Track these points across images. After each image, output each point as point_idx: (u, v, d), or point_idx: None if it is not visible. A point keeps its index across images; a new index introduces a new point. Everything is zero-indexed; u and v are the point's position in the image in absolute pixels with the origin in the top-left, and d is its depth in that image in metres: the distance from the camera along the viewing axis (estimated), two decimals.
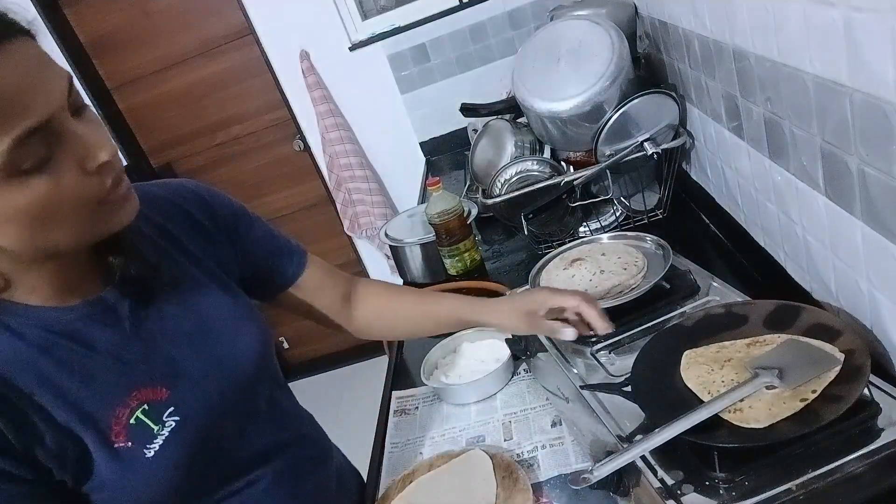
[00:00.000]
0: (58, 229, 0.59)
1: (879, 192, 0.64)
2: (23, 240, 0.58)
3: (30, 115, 0.54)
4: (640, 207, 1.41)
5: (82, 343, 0.66)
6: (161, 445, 0.66)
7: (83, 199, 0.59)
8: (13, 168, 0.53)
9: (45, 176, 0.55)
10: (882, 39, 0.56)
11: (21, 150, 0.53)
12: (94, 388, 0.65)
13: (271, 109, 2.80)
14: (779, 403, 0.64)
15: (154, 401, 0.68)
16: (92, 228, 0.61)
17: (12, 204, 0.55)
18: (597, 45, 1.34)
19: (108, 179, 0.60)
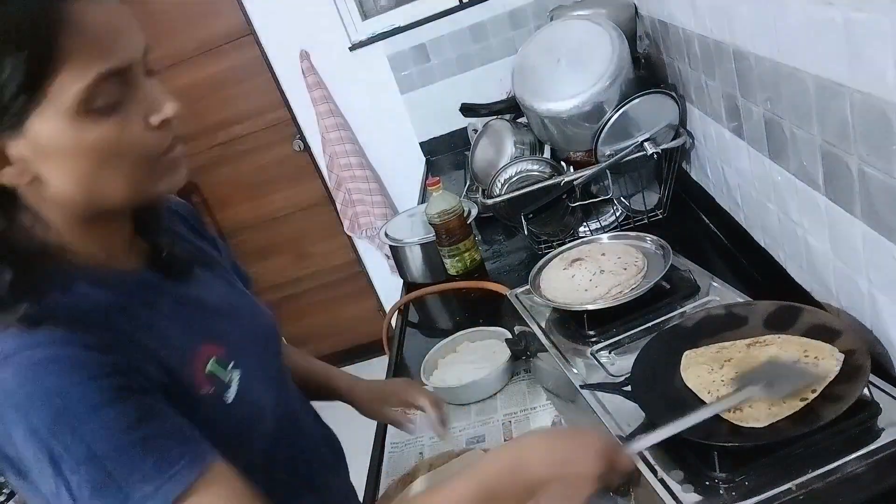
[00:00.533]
0: (114, 177, 0.60)
1: (879, 192, 0.64)
2: (80, 180, 0.59)
3: (114, 58, 0.57)
4: (640, 207, 1.41)
5: (148, 301, 0.68)
6: (236, 393, 0.70)
7: (143, 151, 0.61)
8: (87, 105, 0.56)
9: (113, 120, 0.58)
10: (882, 39, 0.56)
11: (98, 88, 0.56)
12: (169, 343, 0.66)
13: (271, 109, 2.80)
14: (778, 403, 0.65)
15: (217, 356, 0.71)
16: (145, 185, 0.63)
17: (79, 140, 0.57)
18: (597, 45, 1.34)
19: (169, 137, 0.63)
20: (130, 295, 0.67)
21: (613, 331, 0.91)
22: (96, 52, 0.56)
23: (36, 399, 0.54)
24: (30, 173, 0.58)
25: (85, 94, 0.55)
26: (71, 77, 0.55)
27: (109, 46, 0.57)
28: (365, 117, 2.70)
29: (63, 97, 0.55)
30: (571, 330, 0.94)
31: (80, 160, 0.58)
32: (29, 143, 0.57)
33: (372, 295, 3.15)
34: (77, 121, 0.56)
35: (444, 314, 1.46)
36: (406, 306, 1.49)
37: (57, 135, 0.56)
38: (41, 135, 0.56)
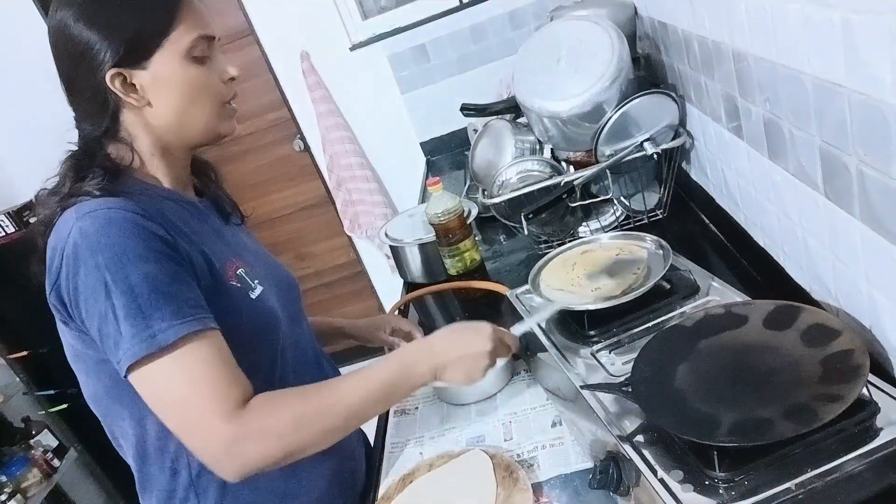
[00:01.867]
0: (199, 110, 0.86)
1: (878, 192, 0.64)
2: (178, 109, 0.85)
3: (207, 28, 0.85)
4: (640, 207, 1.42)
5: (200, 217, 0.92)
6: (258, 296, 0.89)
7: (217, 95, 0.88)
8: (190, 52, 0.83)
9: (203, 68, 0.85)
10: (880, 41, 0.56)
11: (198, 45, 0.84)
12: (211, 245, 0.87)
13: (271, 109, 2.80)
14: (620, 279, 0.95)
15: (246, 270, 0.90)
16: (214, 123, 0.88)
17: (183, 77, 0.83)
18: (597, 45, 1.34)
19: (232, 91, 0.91)
20: (186, 209, 0.89)
21: (613, 331, 0.91)
22: (198, 21, 0.84)
23: (105, 244, 0.74)
24: (145, 100, 0.83)
25: (191, 45, 0.83)
26: (184, 32, 0.82)
27: (205, 20, 0.86)
28: (365, 117, 2.70)
29: (177, 44, 0.82)
30: (571, 330, 0.94)
31: (182, 93, 0.84)
32: (150, 75, 0.82)
33: (372, 295, 3.16)
34: (183, 63, 0.83)
35: (444, 314, 1.46)
36: (406, 306, 1.49)
37: (170, 70, 0.82)
38: (160, 69, 0.82)
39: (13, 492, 2.39)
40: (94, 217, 0.75)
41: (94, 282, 0.73)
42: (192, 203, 0.93)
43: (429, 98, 2.58)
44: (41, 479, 2.49)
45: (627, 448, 0.70)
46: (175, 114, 0.84)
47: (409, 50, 2.53)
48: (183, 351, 0.74)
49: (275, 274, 0.99)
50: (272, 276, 0.97)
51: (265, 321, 0.90)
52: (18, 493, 2.40)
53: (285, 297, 0.97)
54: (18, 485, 2.43)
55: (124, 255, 0.73)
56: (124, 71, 0.80)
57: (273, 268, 1.01)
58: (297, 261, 3.07)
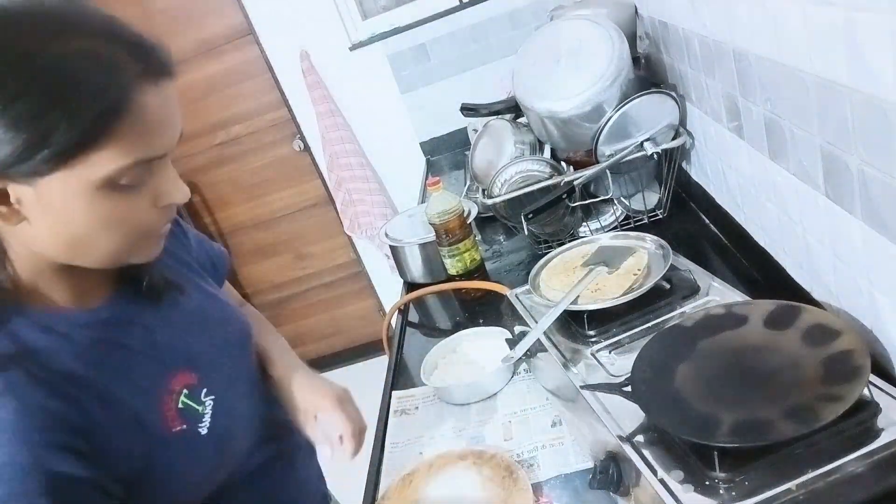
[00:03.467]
0: (102, 244, 0.63)
1: (879, 192, 0.64)
2: (68, 241, 0.61)
3: (154, 148, 0.60)
4: (640, 207, 1.41)
5: (116, 340, 0.70)
6: (210, 423, 0.73)
7: (138, 226, 0.64)
8: (111, 183, 0.59)
9: (129, 197, 0.61)
10: (882, 39, 0.56)
11: (129, 172, 0.59)
12: (139, 382, 0.69)
13: (271, 109, 2.80)
14: (621, 279, 0.94)
15: (190, 384, 0.74)
16: (124, 254, 0.66)
17: (87, 210, 0.59)
18: (597, 45, 1.34)
19: (165, 219, 0.67)
20: (97, 338, 0.68)
21: (613, 331, 0.91)
22: (142, 142, 0.59)
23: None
24: (21, 216, 0.59)
25: (114, 174, 0.58)
26: (109, 157, 0.57)
27: (154, 138, 0.60)
28: (365, 117, 2.70)
29: (92, 171, 0.57)
30: (571, 330, 0.94)
31: (79, 226, 0.60)
32: (36, 194, 0.57)
33: (372, 295, 3.16)
34: (93, 193, 0.58)
35: (444, 314, 1.46)
36: (406, 306, 1.49)
37: (68, 200, 0.58)
38: (52, 194, 0.57)
39: None
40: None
41: None
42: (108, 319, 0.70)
43: (429, 98, 2.58)
44: None
45: (627, 448, 0.70)
46: (62, 245, 0.61)
47: (409, 50, 2.53)
48: None
49: (225, 339, 0.84)
50: (223, 347, 0.82)
51: (223, 445, 0.75)
52: None
53: (239, 369, 0.85)
54: None
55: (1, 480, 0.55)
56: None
57: (222, 328, 0.85)
58: (297, 261, 3.07)
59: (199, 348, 0.78)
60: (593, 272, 0.98)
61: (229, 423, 0.76)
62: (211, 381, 0.76)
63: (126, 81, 0.57)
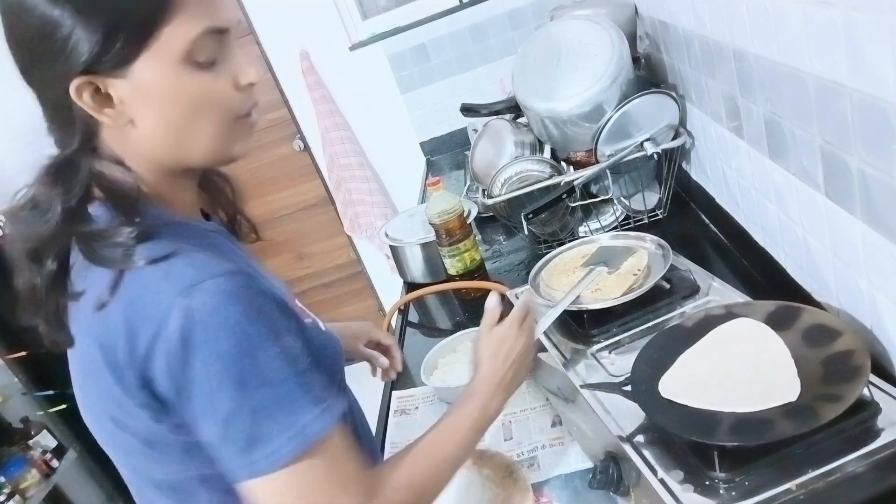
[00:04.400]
0: (201, 129, 0.64)
1: (879, 191, 0.64)
2: (171, 128, 0.63)
3: (218, 18, 0.62)
4: (640, 207, 1.41)
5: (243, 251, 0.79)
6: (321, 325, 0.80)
7: (229, 108, 0.65)
8: (190, 56, 0.60)
9: (209, 74, 0.63)
10: (882, 39, 0.56)
11: (202, 43, 0.61)
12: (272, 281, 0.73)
13: (271, 109, 2.80)
14: (620, 280, 0.94)
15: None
16: (224, 143, 0.67)
17: (178, 88, 0.61)
18: (597, 45, 1.34)
19: (250, 102, 0.68)
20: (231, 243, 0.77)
21: (613, 331, 0.91)
22: (205, 9, 0.61)
23: (227, 328, 0.59)
24: (126, 116, 0.62)
25: (190, 46, 0.60)
26: (181, 27, 0.59)
27: (216, 6, 0.62)
28: (365, 117, 2.70)
29: (171, 45, 0.59)
30: (571, 330, 0.94)
31: (176, 107, 0.62)
32: (131, 85, 0.60)
33: (372, 295, 3.15)
34: (179, 69, 0.60)
35: (444, 314, 1.46)
36: (406, 306, 1.49)
37: (159, 79, 0.60)
38: (145, 78, 0.60)
39: (12, 492, 2.39)
40: (204, 292, 0.59)
41: (217, 375, 0.59)
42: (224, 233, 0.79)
43: (429, 98, 2.58)
44: (40, 479, 2.48)
45: (627, 448, 0.70)
46: (168, 135, 0.64)
47: (409, 50, 2.53)
48: (327, 444, 0.62)
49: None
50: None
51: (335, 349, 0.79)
52: (17, 493, 2.40)
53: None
54: (17, 485, 2.42)
55: (252, 338, 0.60)
56: (96, 80, 0.59)
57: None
58: (296, 261, 3.07)
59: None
60: (593, 272, 0.98)
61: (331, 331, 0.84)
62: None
63: None
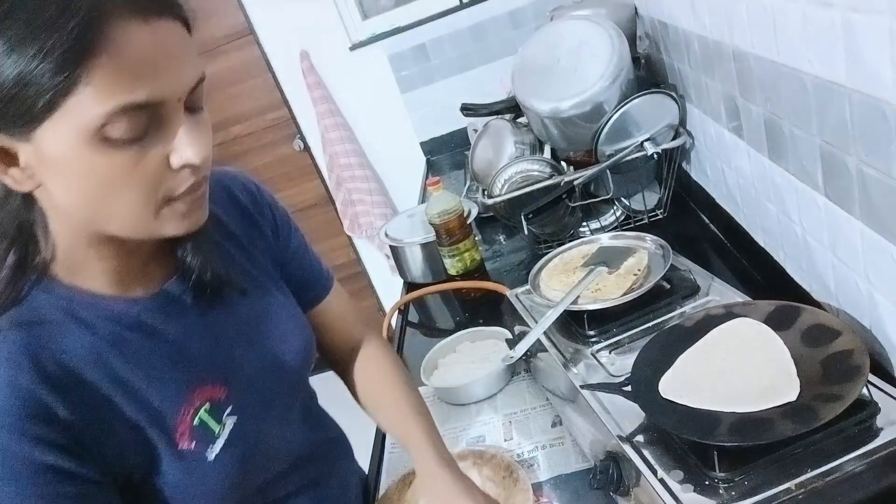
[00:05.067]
0: (118, 207, 0.57)
1: (878, 192, 0.64)
2: (84, 201, 0.56)
3: (144, 91, 0.53)
4: (640, 207, 1.42)
5: (149, 336, 0.65)
6: (222, 448, 0.67)
7: (152, 190, 0.57)
8: (103, 132, 0.52)
9: (129, 151, 0.54)
10: (880, 40, 0.56)
11: (118, 119, 0.52)
12: (161, 384, 0.64)
13: (271, 109, 2.80)
14: (620, 280, 0.95)
15: (215, 399, 0.67)
16: (149, 223, 0.59)
17: (87, 163, 0.53)
18: (597, 45, 1.34)
19: (186, 183, 0.59)
20: (123, 335, 0.63)
21: (613, 331, 0.91)
22: (126, 81, 0.51)
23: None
24: (35, 180, 0.55)
25: (102, 121, 0.52)
26: (93, 98, 0.51)
27: (143, 78, 0.52)
28: (365, 117, 2.70)
29: (80, 116, 0.51)
30: (571, 330, 0.94)
31: (85, 182, 0.55)
32: (35, 151, 0.53)
33: (372, 295, 3.16)
34: (87, 144, 0.52)
35: (444, 314, 1.46)
36: (406, 306, 1.49)
37: (65, 151, 0.53)
38: (49, 146, 0.52)
39: None
40: None
41: None
42: (149, 307, 0.66)
43: (429, 98, 2.58)
44: None
45: (627, 448, 0.70)
46: (81, 206, 0.57)
47: (409, 50, 2.53)
48: None
49: (273, 361, 0.77)
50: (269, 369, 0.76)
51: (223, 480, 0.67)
52: None
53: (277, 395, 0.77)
54: None
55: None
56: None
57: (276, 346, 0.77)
58: None
59: (241, 361, 0.72)
60: (593, 272, 0.98)
61: (246, 451, 0.69)
62: (242, 399, 0.70)
63: (97, 11, 0.50)
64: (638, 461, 0.68)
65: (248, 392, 0.72)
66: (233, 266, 0.75)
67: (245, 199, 0.82)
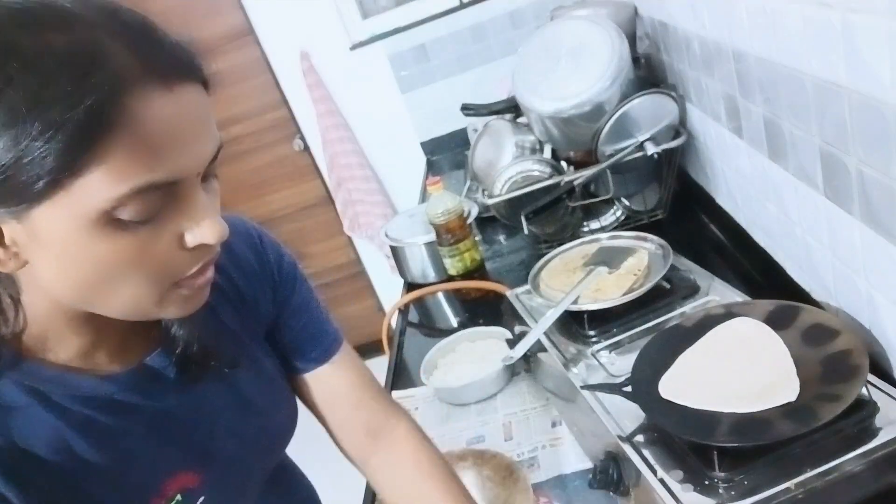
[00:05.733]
0: (116, 292, 0.49)
1: (877, 192, 0.65)
2: (76, 286, 0.49)
3: (163, 170, 0.46)
4: (640, 207, 1.42)
5: (124, 415, 0.58)
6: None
7: (160, 274, 0.50)
8: (111, 215, 0.45)
9: (138, 235, 0.47)
10: (879, 41, 0.56)
11: (131, 202, 0.45)
12: (132, 472, 0.58)
13: (271, 109, 2.80)
14: (620, 280, 0.95)
15: (187, 489, 0.61)
16: (150, 309, 0.52)
17: (89, 250, 0.46)
18: (597, 45, 1.34)
19: (199, 263, 0.52)
20: (94, 419, 0.56)
21: (613, 331, 0.91)
22: (144, 161, 0.44)
23: None
24: (20, 259, 0.47)
25: (113, 205, 0.44)
26: (103, 180, 0.43)
27: (165, 154, 0.45)
28: (365, 117, 2.70)
29: (86, 199, 0.44)
30: (571, 330, 0.94)
31: (82, 267, 0.47)
32: (27, 231, 0.45)
33: (372, 295, 3.16)
34: (94, 227, 0.45)
35: (444, 314, 1.46)
36: (406, 306, 1.49)
37: (63, 238, 0.45)
38: (45, 228, 0.45)
39: None
40: None
41: None
42: (124, 384, 0.59)
43: (429, 98, 2.58)
44: None
45: (627, 448, 0.70)
46: (71, 291, 0.49)
47: (409, 50, 2.53)
48: None
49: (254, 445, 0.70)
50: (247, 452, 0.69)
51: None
52: None
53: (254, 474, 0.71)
54: None
55: None
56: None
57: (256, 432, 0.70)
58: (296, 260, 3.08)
59: (221, 443, 0.65)
60: (593, 272, 0.98)
61: None
62: (215, 486, 0.63)
63: (117, 83, 0.43)
64: (638, 461, 0.68)
65: (223, 477, 0.65)
66: (223, 335, 0.67)
67: (246, 255, 0.73)
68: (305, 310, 0.78)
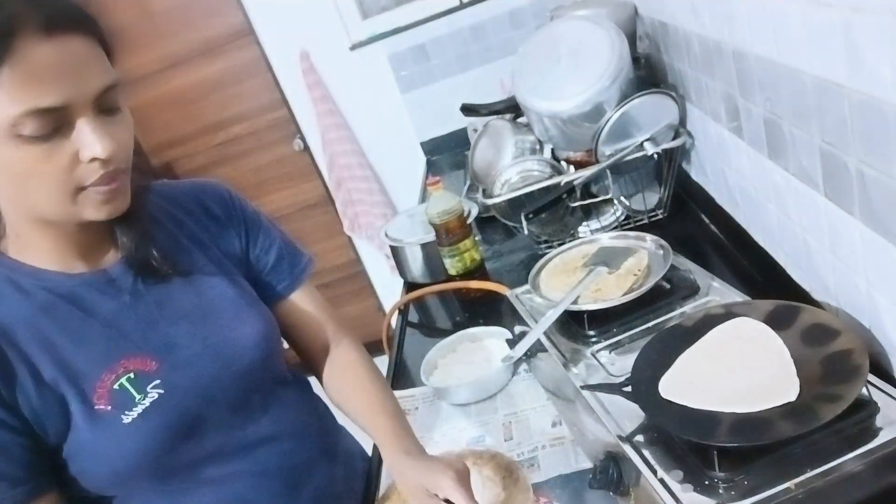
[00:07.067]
0: (35, 197, 0.65)
1: (878, 192, 0.64)
2: (9, 191, 0.66)
3: (48, 98, 0.61)
4: (640, 207, 1.42)
5: (81, 308, 0.73)
6: (139, 414, 0.72)
7: (62, 180, 0.64)
8: (13, 131, 0.61)
9: (39, 147, 0.62)
10: (880, 40, 0.56)
11: (26, 120, 0.60)
12: (85, 349, 0.71)
13: (271, 109, 2.80)
14: (620, 280, 0.95)
15: (141, 371, 0.73)
16: (68, 208, 0.67)
17: (10, 157, 0.62)
18: (597, 45, 1.34)
19: (96, 175, 0.66)
20: (65, 297, 0.72)
21: (613, 331, 0.91)
22: (32, 90, 0.60)
23: None
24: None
25: (13, 122, 0.60)
26: (3, 101, 0.59)
27: (48, 87, 0.61)
28: (365, 117, 2.70)
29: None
30: (571, 330, 0.94)
31: (6, 173, 0.63)
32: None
33: (372, 295, 3.16)
34: (4, 139, 0.61)
35: (444, 314, 1.46)
36: (406, 306, 1.49)
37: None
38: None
39: None
40: None
41: None
42: (88, 282, 0.75)
43: (429, 98, 2.58)
44: None
45: (627, 448, 0.70)
46: (10, 194, 0.67)
47: (409, 50, 2.53)
48: None
49: (220, 344, 0.80)
50: (212, 352, 0.79)
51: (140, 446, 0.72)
52: None
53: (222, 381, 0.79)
54: None
55: None
56: None
57: (224, 332, 0.81)
58: None
59: (180, 342, 0.77)
60: (593, 272, 0.98)
61: (167, 424, 0.73)
62: (173, 376, 0.75)
63: (7, 26, 0.58)
64: (638, 461, 0.68)
65: (183, 371, 0.76)
66: (181, 254, 0.82)
67: (217, 208, 0.90)
68: (271, 245, 0.94)
